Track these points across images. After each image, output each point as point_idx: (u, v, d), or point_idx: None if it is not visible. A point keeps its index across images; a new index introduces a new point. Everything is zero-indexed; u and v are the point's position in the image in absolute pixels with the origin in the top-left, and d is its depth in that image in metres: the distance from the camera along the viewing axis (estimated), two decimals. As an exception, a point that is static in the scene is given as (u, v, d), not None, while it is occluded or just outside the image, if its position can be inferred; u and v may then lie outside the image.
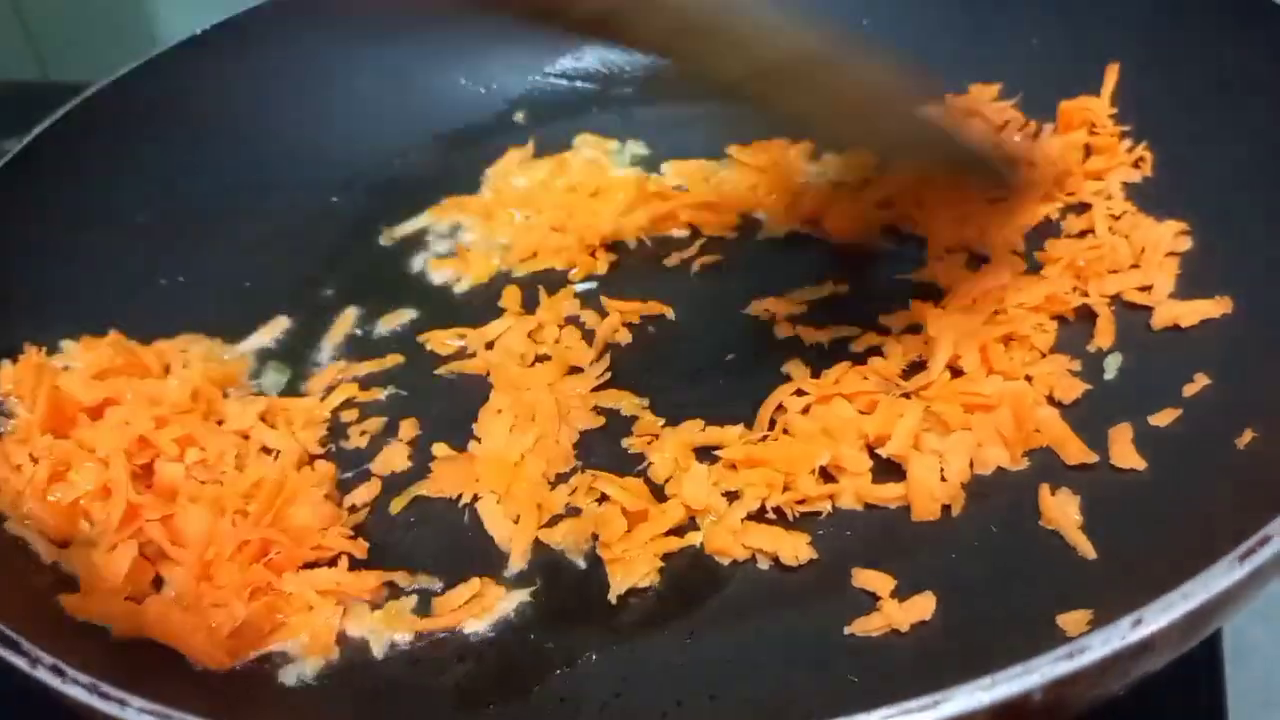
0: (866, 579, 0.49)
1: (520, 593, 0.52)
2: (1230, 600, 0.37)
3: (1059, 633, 0.43)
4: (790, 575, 0.51)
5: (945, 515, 0.51)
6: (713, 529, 0.52)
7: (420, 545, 0.55)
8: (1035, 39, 0.74)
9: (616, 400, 0.61)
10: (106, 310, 0.67)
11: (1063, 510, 0.50)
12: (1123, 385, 0.56)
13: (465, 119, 0.83)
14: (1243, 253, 0.59)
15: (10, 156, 0.69)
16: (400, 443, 0.60)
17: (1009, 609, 0.47)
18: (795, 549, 0.51)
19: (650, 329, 0.66)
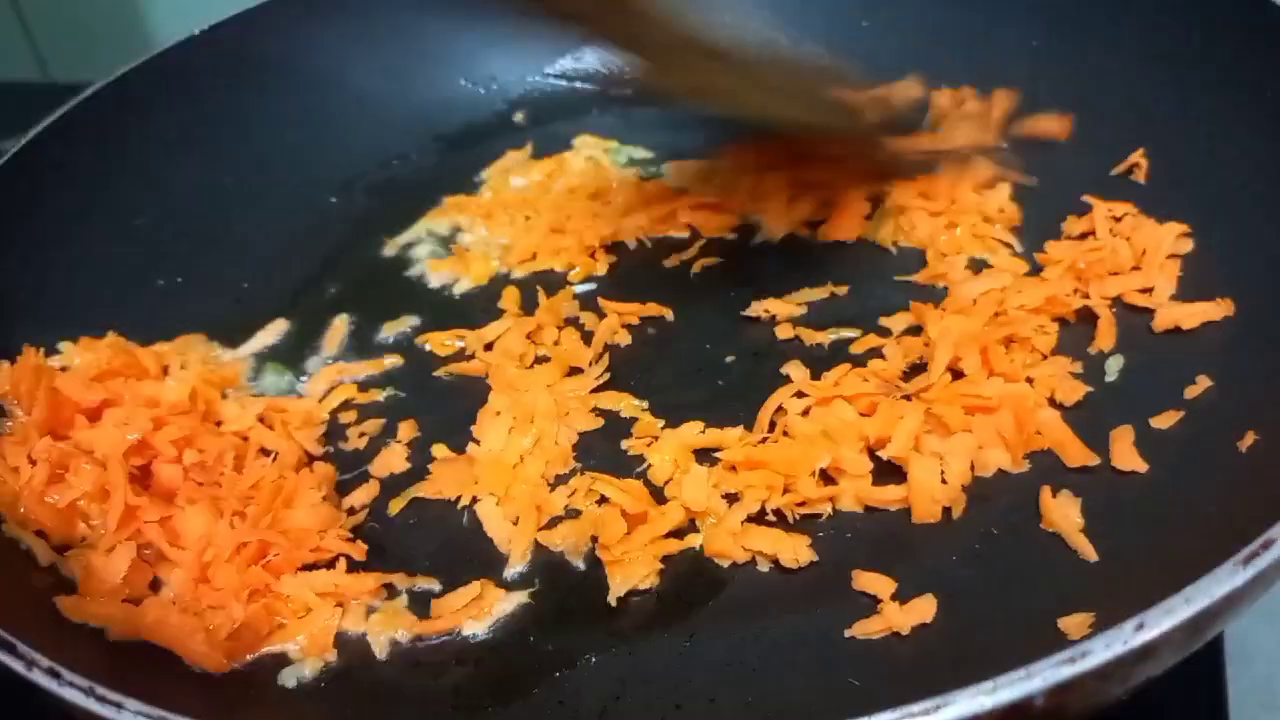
0: (867, 581, 0.49)
1: (519, 594, 0.52)
2: (1233, 604, 0.37)
3: (1061, 636, 0.43)
4: (790, 578, 0.50)
5: (946, 518, 0.51)
6: (712, 531, 0.52)
7: (419, 547, 0.55)
8: (1035, 39, 0.74)
9: (616, 402, 0.60)
10: (105, 311, 0.67)
11: (1064, 513, 0.50)
12: (1124, 387, 0.56)
13: (465, 119, 0.83)
14: (1244, 255, 0.59)
15: (9, 156, 0.69)
16: (399, 444, 0.60)
17: (1010, 612, 0.47)
18: (795, 551, 0.50)
19: (650, 330, 0.66)
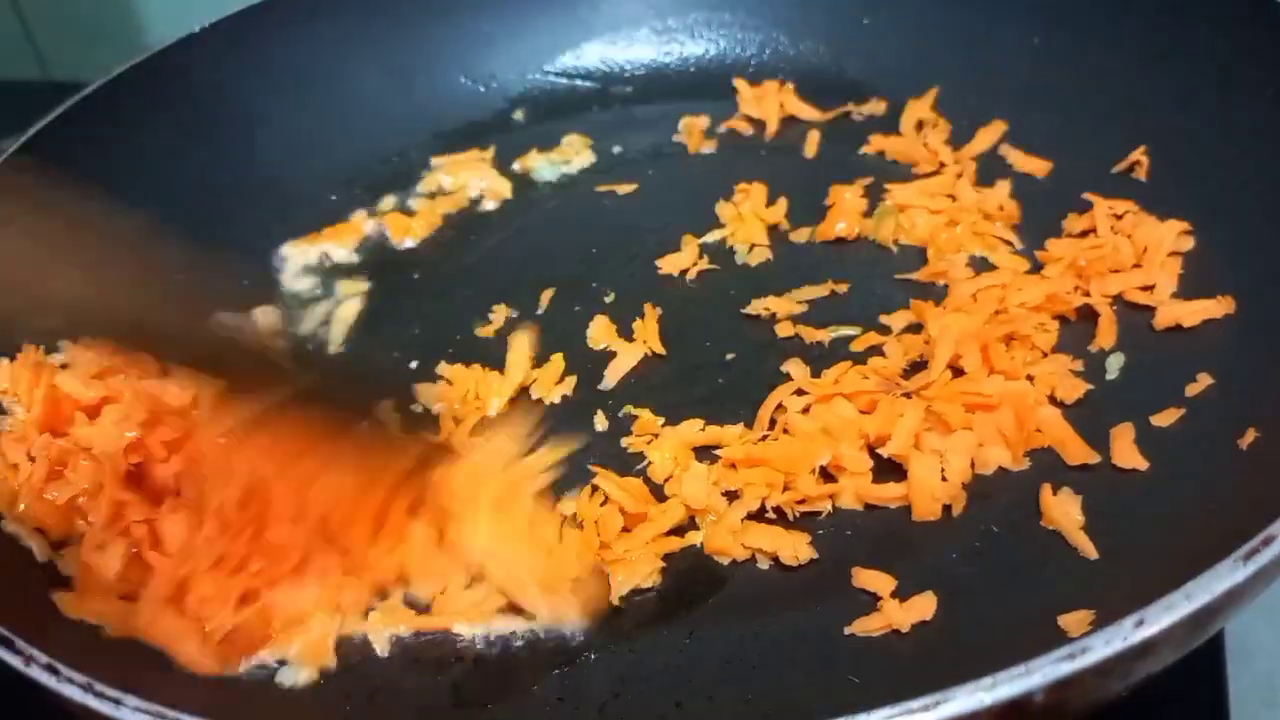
0: (867, 579, 0.49)
1: (519, 593, 0.52)
2: (1233, 600, 0.37)
3: (1061, 633, 0.43)
4: (790, 575, 0.50)
5: (946, 515, 0.51)
6: (713, 529, 0.52)
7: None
8: (1036, 38, 0.74)
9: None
10: (104, 309, 0.66)
11: (1064, 510, 0.50)
12: (1125, 385, 0.56)
13: (465, 117, 0.83)
14: (1245, 252, 0.58)
15: (8, 155, 0.68)
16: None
17: (1010, 609, 0.47)
18: (795, 549, 0.50)
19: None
